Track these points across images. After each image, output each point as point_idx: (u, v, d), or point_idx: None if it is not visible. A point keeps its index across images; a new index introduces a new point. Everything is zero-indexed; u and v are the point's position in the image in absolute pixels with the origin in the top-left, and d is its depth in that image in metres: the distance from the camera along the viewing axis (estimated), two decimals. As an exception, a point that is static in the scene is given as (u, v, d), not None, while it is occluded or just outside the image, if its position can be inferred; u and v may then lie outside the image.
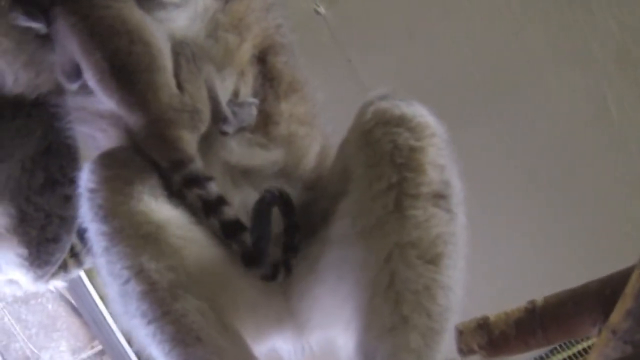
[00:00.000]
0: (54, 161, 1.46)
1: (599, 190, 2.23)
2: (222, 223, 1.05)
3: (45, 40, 1.17)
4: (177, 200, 1.07)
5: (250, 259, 1.04)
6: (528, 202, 2.28)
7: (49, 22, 1.14)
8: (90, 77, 1.11)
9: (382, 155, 1.02)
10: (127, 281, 1.01)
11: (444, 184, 1.02)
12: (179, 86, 1.11)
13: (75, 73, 1.14)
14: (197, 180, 1.05)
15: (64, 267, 1.57)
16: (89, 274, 2.02)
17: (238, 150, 1.14)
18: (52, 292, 1.99)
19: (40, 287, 1.56)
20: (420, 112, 1.05)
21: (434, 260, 0.99)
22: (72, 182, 1.46)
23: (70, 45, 1.12)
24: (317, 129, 1.22)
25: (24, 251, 1.46)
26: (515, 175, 2.27)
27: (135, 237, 1.02)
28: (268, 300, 1.09)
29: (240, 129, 1.15)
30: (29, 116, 1.37)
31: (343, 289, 1.06)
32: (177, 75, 1.11)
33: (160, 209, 1.05)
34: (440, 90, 2.34)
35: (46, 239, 1.48)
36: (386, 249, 1.00)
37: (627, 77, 2.20)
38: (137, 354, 2.08)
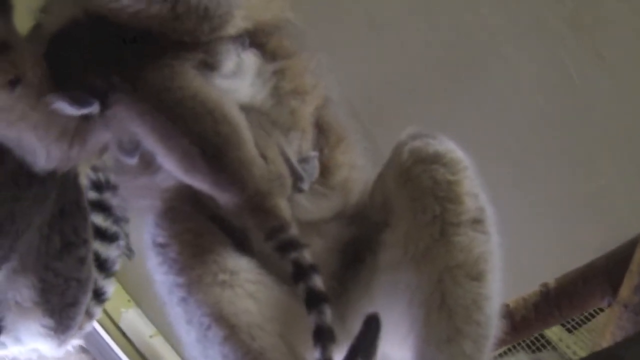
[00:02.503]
0: (68, 223, 1.51)
1: (569, 158, 2.42)
2: (310, 290, 1.10)
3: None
4: (242, 250, 1.19)
5: None
6: (499, 175, 2.43)
7: (104, 106, 1.14)
8: (174, 164, 1.13)
9: (424, 190, 1.19)
10: (208, 327, 1.12)
11: (479, 210, 1.20)
12: (261, 155, 1.15)
13: (135, 148, 1.18)
14: (294, 245, 1.13)
15: (79, 326, 1.62)
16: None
17: (309, 206, 1.26)
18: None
19: (62, 351, 1.61)
20: (450, 148, 1.22)
21: (478, 277, 1.17)
22: (86, 242, 1.54)
23: (135, 129, 1.13)
24: (362, 169, 1.37)
25: (49, 321, 1.51)
26: (488, 152, 2.41)
27: (212, 285, 1.13)
28: None
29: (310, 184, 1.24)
30: (43, 182, 1.39)
31: (397, 309, 1.22)
32: (256, 144, 1.16)
33: (231, 257, 1.17)
34: (406, 75, 2.48)
35: (67, 304, 1.53)
36: (436, 272, 1.17)
37: (582, 42, 2.37)
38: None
